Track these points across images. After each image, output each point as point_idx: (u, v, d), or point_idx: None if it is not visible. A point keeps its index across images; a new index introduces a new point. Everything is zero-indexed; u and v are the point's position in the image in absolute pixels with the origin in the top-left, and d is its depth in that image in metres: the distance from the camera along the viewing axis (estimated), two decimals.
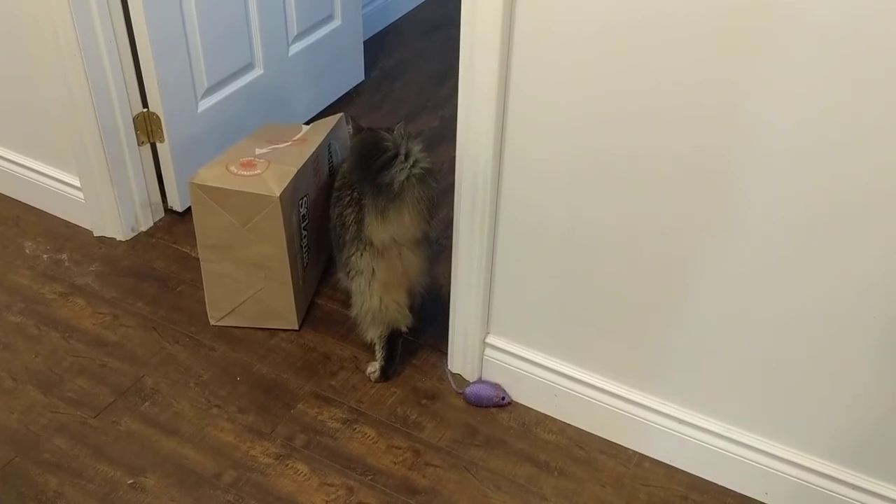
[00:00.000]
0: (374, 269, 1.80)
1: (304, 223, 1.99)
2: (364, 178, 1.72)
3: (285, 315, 2.03)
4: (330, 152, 2.11)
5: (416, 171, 1.68)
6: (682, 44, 1.32)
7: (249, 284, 1.98)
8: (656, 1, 1.31)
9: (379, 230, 1.74)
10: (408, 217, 1.71)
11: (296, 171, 1.90)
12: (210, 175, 1.89)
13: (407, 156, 1.68)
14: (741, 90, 1.32)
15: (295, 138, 2.07)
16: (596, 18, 1.37)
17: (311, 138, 2.06)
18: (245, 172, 1.89)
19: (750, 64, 1.30)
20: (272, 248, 1.91)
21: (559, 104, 1.48)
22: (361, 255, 1.80)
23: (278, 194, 1.84)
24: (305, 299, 2.10)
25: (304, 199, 1.97)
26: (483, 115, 1.54)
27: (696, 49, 1.32)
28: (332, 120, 2.17)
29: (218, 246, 1.94)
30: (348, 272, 1.86)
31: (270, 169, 1.90)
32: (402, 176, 1.66)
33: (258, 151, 1.98)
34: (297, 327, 2.05)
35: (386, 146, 1.68)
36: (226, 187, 1.86)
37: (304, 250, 2.02)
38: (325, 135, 2.07)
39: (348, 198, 1.84)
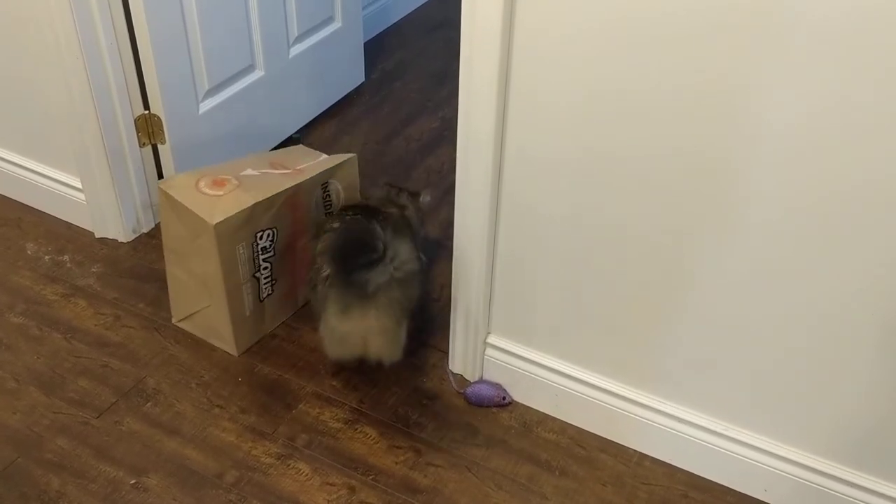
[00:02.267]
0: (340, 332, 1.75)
1: (266, 255, 1.92)
2: (338, 272, 1.66)
3: (226, 339, 1.97)
4: (328, 192, 2.03)
5: (398, 274, 1.64)
6: (683, 44, 1.33)
7: (199, 298, 1.95)
8: (656, 1, 1.32)
9: (339, 324, 1.71)
10: (374, 317, 1.67)
11: (253, 203, 1.82)
12: (177, 183, 1.88)
13: (393, 258, 1.63)
14: (741, 89, 1.33)
15: (298, 167, 2.00)
16: (596, 18, 1.37)
17: (306, 170, 1.99)
18: (208, 191, 1.85)
19: (750, 63, 1.30)
20: (212, 269, 1.85)
21: (559, 104, 1.49)
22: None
23: (214, 223, 1.77)
24: (256, 330, 2.01)
25: (268, 232, 1.89)
26: (483, 115, 1.54)
27: (696, 49, 1.32)
28: (339, 158, 2.07)
29: (176, 251, 1.93)
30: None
31: (233, 194, 1.84)
32: (382, 279, 1.62)
33: (246, 172, 1.92)
34: (236, 353, 1.98)
35: (375, 245, 1.62)
36: (180, 200, 1.83)
37: (265, 281, 1.95)
38: (320, 171, 1.99)
39: (325, 273, 1.74)
